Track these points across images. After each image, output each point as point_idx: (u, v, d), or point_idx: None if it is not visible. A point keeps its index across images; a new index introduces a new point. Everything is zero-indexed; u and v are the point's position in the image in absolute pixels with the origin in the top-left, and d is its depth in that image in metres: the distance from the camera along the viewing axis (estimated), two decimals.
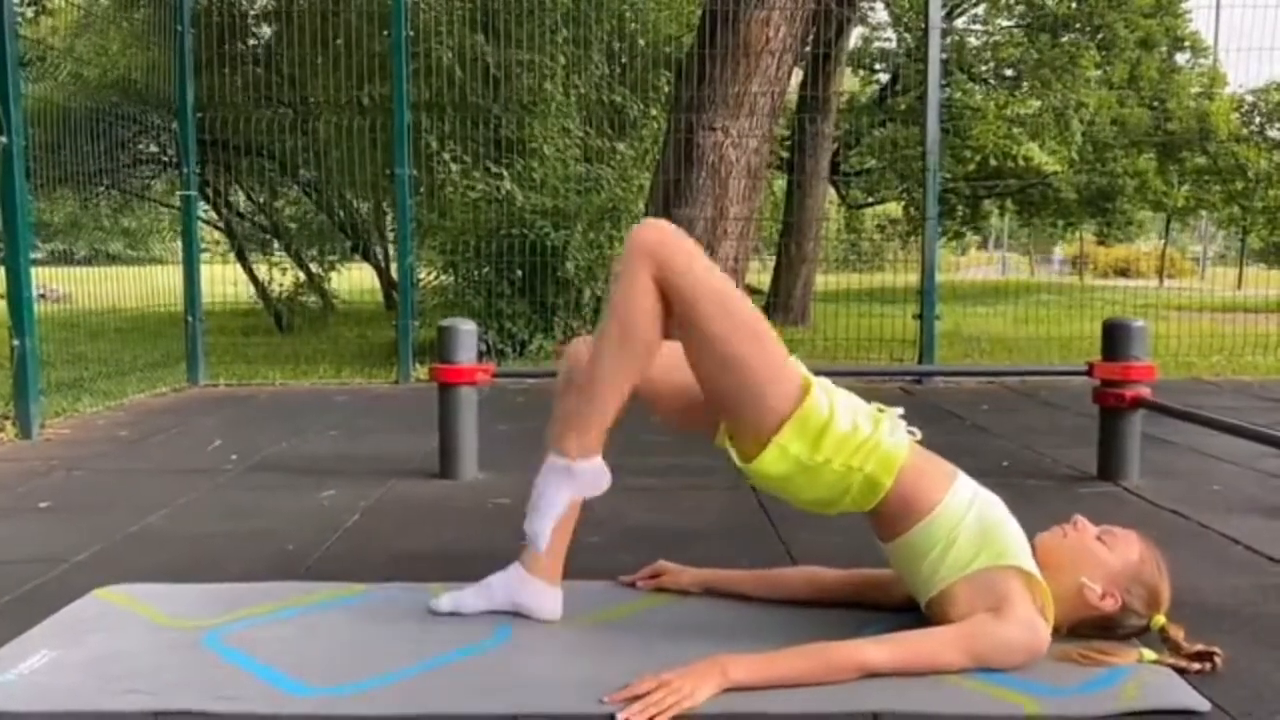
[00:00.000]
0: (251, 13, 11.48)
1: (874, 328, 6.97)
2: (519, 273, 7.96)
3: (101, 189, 10.85)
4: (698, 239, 6.58)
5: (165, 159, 12.83)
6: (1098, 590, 1.93)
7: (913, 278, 6.29)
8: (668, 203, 7.94)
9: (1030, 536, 1.97)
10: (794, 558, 2.55)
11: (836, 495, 1.95)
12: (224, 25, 8.66)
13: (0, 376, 4.87)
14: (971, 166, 18.05)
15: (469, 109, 8.74)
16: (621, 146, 9.72)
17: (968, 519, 1.92)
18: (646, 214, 8.32)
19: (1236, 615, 2.17)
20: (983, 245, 39.03)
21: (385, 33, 7.79)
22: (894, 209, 24.20)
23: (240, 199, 13.52)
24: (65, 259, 9.86)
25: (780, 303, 12.88)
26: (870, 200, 23.96)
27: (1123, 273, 30.29)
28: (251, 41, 11.34)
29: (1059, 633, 1.94)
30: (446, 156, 8.29)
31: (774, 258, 13.65)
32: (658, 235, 1.99)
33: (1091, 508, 3.05)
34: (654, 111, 9.38)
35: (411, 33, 6.42)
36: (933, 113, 6.04)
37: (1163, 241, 28.75)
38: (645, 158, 9.60)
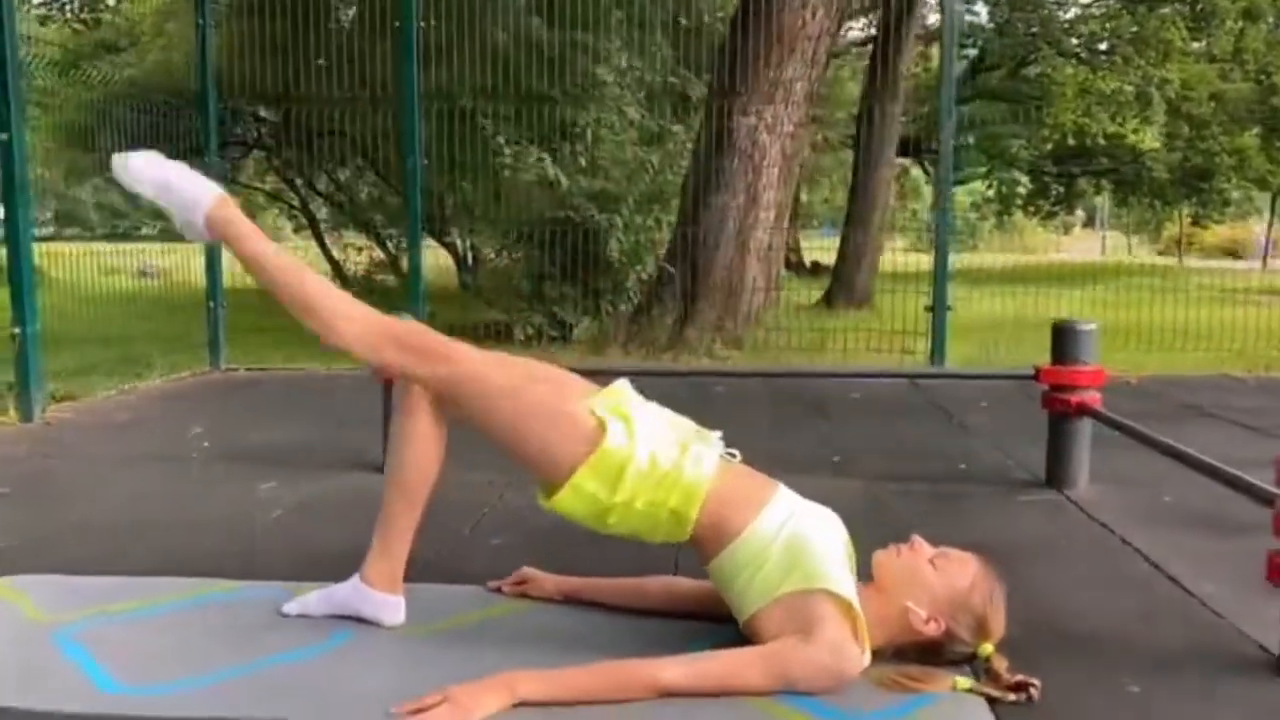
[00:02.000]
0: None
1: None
2: (557, 253, 8.03)
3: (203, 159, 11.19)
4: (730, 225, 6.61)
5: (249, 141, 13.26)
6: (922, 615, 1.89)
7: (1003, 258, 6.15)
8: (702, 189, 7.90)
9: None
10: (679, 567, 2.54)
11: (648, 529, 1.96)
12: (306, 10, 8.84)
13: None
14: (1049, 146, 17.49)
15: (525, 93, 8.78)
16: (677, 129, 9.69)
17: (777, 542, 1.89)
18: (683, 199, 8.29)
19: (1098, 641, 2.10)
20: (1088, 224, 37.83)
21: (433, 21, 7.93)
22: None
23: (322, 182, 13.84)
24: (168, 236, 10.20)
25: (843, 285, 12.73)
26: (954, 180, 23.38)
27: (1232, 254, 29.04)
28: (332, 25, 11.56)
29: (883, 654, 1.91)
30: (501, 140, 8.38)
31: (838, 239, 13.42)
32: (397, 359, 2.00)
33: (1020, 517, 3.01)
34: None
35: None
36: (948, 84, 5.84)
37: (1267, 222, 27.41)
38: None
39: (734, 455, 2.06)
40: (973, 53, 19.97)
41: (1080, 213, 33.12)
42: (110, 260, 7.98)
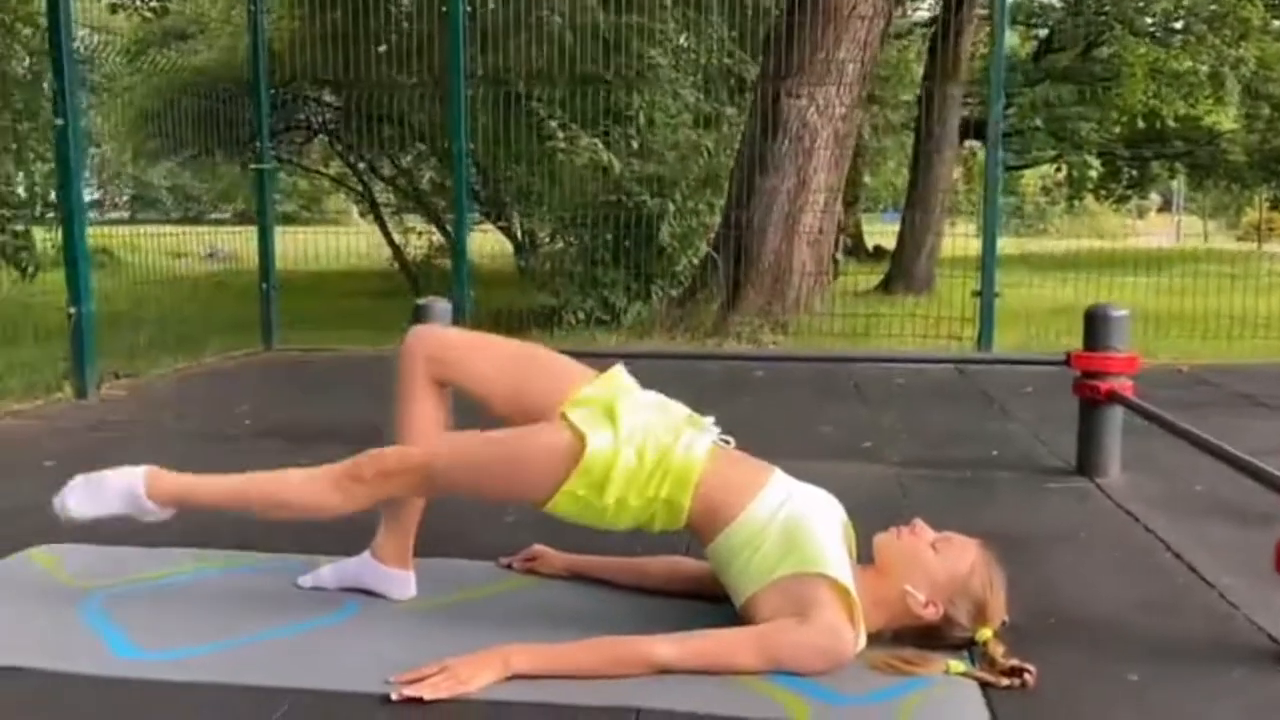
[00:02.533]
0: None
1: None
2: (609, 238, 8.05)
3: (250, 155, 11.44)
4: (779, 209, 6.55)
5: (314, 126, 13.47)
6: (920, 598, 1.89)
7: (1074, 243, 6.04)
8: (751, 172, 7.86)
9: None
10: (689, 549, 2.56)
11: (645, 522, 1.98)
12: None
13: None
14: (1120, 128, 17.08)
15: (579, 77, 8.79)
16: (731, 112, 9.65)
17: (772, 527, 1.90)
18: (731, 183, 8.27)
19: (1104, 628, 2.08)
20: (1164, 208, 36.91)
21: (490, 5, 7.99)
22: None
23: (385, 166, 14.03)
24: (241, 219, 10.45)
25: (902, 270, 12.59)
26: (1021, 164, 23.03)
27: None
28: (394, 10, 11.68)
29: (882, 637, 1.92)
30: (554, 124, 8.42)
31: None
32: (370, 491, 2.04)
33: (1045, 504, 2.97)
34: None
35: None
36: (999, 55, 5.71)
37: None
38: None
39: (728, 441, 2.07)
40: (1043, 33, 19.55)
41: (1156, 197, 32.30)
42: (179, 243, 8.24)
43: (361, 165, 13.90)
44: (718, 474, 1.95)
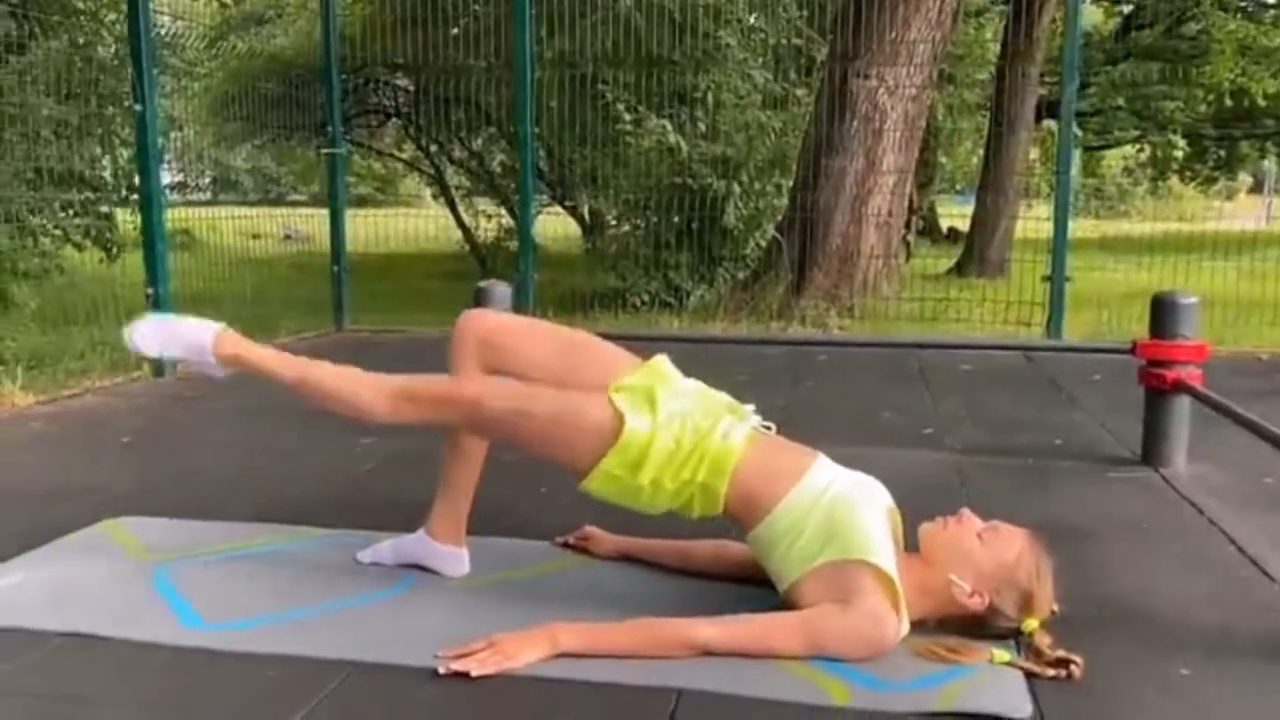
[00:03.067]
0: None
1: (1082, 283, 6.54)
2: (675, 220, 8.05)
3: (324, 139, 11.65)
4: (847, 191, 6.49)
5: (388, 109, 13.66)
6: (966, 588, 1.89)
7: (1155, 226, 5.89)
8: (819, 154, 7.80)
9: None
10: (735, 533, 2.57)
11: (683, 506, 1.99)
12: None
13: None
14: (1206, 107, 16.56)
15: (648, 58, 8.78)
16: (801, 92, 9.57)
17: (815, 513, 1.91)
18: (799, 165, 8.21)
19: (1158, 621, 2.05)
20: (1254, 190, 35.72)
21: None
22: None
23: (456, 149, 14.18)
24: (318, 202, 10.67)
25: (976, 255, 12.40)
26: (1101, 144, 22.49)
27: None
28: None
29: (926, 626, 1.92)
30: (620, 108, 8.43)
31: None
32: (415, 412, 2.09)
33: (1106, 494, 2.93)
34: None
35: None
36: (1073, 33, 5.57)
37: None
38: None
39: (769, 428, 2.07)
40: (1126, 9, 19.01)
41: (1246, 178, 31.25)
42: (258, 225, 8.44)
43: (433, 149, 14.08)
44: (756, 461, 1.96)
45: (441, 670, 1.77)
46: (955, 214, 20.05)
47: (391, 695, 1.72)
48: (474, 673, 1.76)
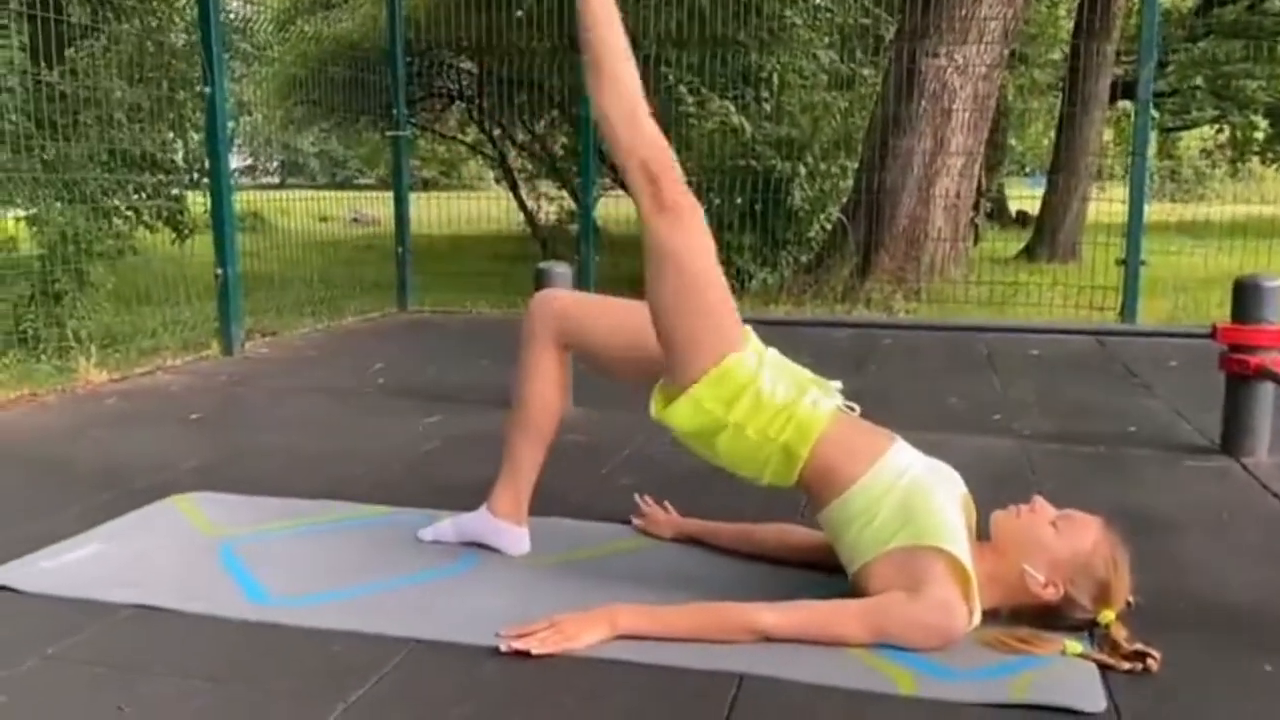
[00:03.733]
0: None
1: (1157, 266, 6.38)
2: (738, 201, 7.99)
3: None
4: (915, 172, 6.38)
5: (453, 92, 13.75)
6: (1040, 578, 1.84)
7: (1234, 209, 5.73)
8: (886, 134, 7.68)
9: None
10: (804, 515, 2.54)
11: (757, 463, 1.95)
12: None
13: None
14: None
15: (712, 39, 8.71)
16: (868, 72, 9.43)
17: (890, 496, 1.86)
18: (865, 145, 8.10)
19: (1240, 616, 1.98)
20: None
21: None
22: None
23: (519, 133, 14.24)
24: (385, 185, 10.79)
25: (1046, 238, 12.17)
26: (1179, 125, 21.91)
27: None
28: None
29: (999, 616, 1.87)
30: (684, 89, 8.38)
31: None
32: (636, 179, 1.96)
33: (1182, 483, 2.84)
34: None
35: None
36: (1152, 12, 5.39)
37: None
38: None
39: (853, 408, 2.03)
40: None
41: None
42: (325, 207, 8.54)
43: (496, 132, 14.14)
44: (839, 435, 1.92)
45: (502, 648, 1.77)
46: (1025, 197, 19.66)
47: (452, 673, 1.72)
48: (534, 651, 1.75)
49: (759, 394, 1.91)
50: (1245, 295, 2.98)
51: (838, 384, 2.05)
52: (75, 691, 1.67)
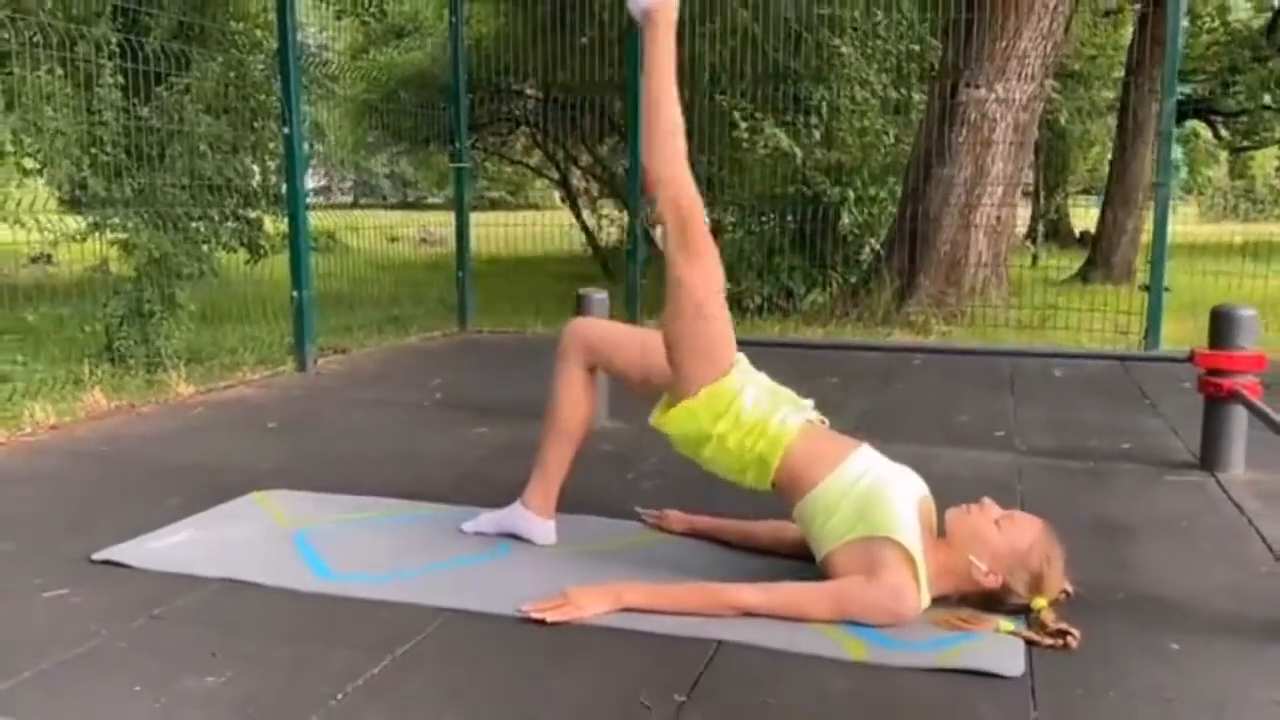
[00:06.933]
0: None
1: (1203, 289, 6.50)
2: (790, 225, 8.30)
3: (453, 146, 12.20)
4: (956, 199, 6.62)
5: (518, 118, 14.26)
6: (983, 568, 2.15)
7: None
8: (928, 161, 7.94)
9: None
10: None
11: (737, 469, 2.32)
12: None
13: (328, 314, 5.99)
14: None
15: (766, 70, 9.02)
16: (917, 98, 9.68)
17: (851, 494, 2.19)
18: (908, 175, 8.37)
19: (1167, 606, 2.26)
20: None
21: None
22: None
23: (583, 157, 14.71)
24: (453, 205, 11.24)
25: (1102, 259, 12.28)
26: (1248, 145, 21.71)
27: None
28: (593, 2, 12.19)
29: (949, 601, 2.18)
30: (737, 115, 8.72)
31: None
32: (673, 234, 2.33)
33: (1157, 495, 3.12)
34: None
35: None
36: (1173, 53, 5.59)
37: None
38: None
39: (823, 422, 2.37)
40: (1278, 3, 18.32)
41: None
42: (396, 228, 9.02)
43: (560, 155, 14.62)
44: (805, 445, 2.27)
45: (520, 611, 2.13)
46: (1091, 218, 19.58)
47: (480, 635, 2.09)
48: (548, 619, 2.11)
49: (740, 412, 2.27)
50: (1220, 323, 3.24)
51: (810, 402, 2.38)
52: (178, 642, 2.06)
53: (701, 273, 2.32)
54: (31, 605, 2.25)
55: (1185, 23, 11.95)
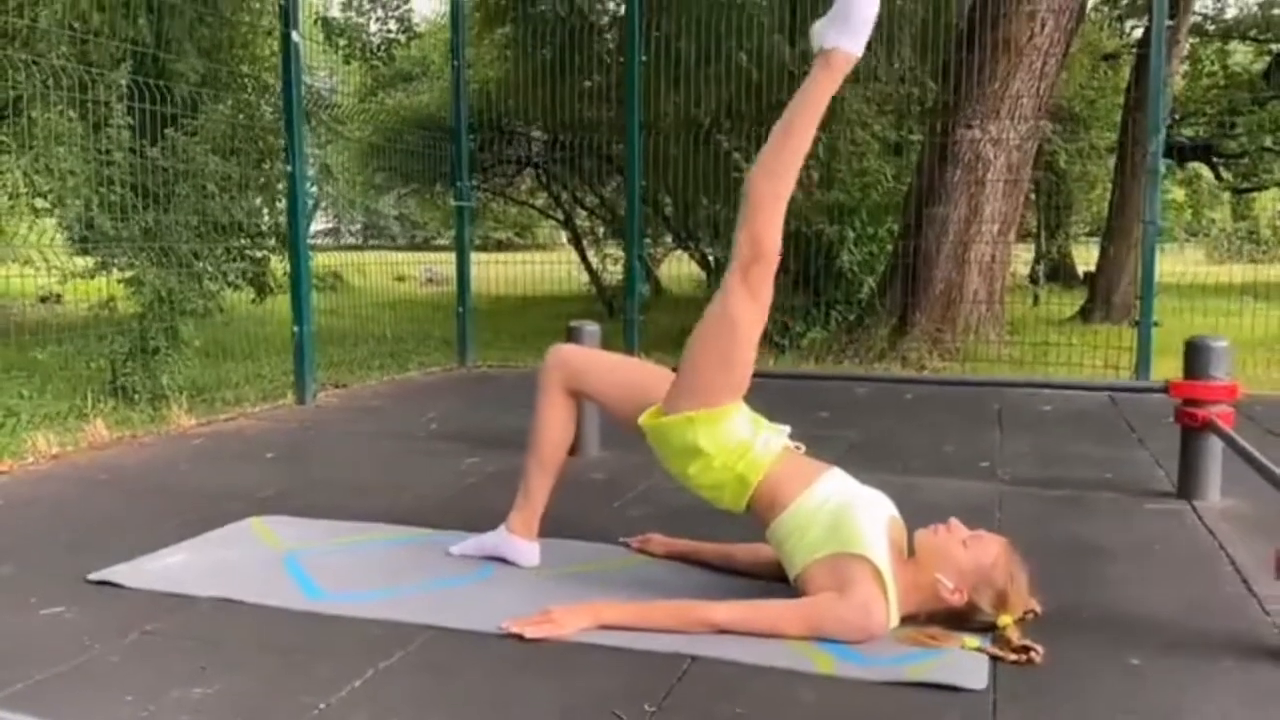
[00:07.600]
0: (599, 23, 12.51)
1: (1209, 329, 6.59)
2: (790, 265, 8.40)
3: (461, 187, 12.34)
4: (950, 237, 6.73)
5: (522, 160, 14.47)
6: (949, 585, 2.21)
7: None
8: (923, 201, 8.07)
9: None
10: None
11: (716, 488, 2.39)
12: (572, 41, 9.74)
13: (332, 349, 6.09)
14: None
15: (765, 110, 9.17)
16: (915, 138, 9.83)
17: (821, 514, 2.27)
18: (904, 213, 8.49)
19: (1133, 624, 2.32)
20: None
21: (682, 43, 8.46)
22: None
23: (588, 198, 14.90)
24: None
25: (1102, 299, 12.37)
26: (1249, 187, 21.89)
27: None
28: (596, 47, 12.43)
29: (917, 618, 2.25)
30: (738, 156, 8.86)
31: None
32: (745, 266, 2.37)
33: (1132, 522, 3.18)
34: None
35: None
36: (1156, 95, 5.72)
37: None
38: None
39: (800, 447, 2.45)
40: (1276, 48, 18.55)
41: None
42: (401, 268, 9.14)
43: (564, 196, 14.82)
44: (782, 469, 2.36)
45: (500, 627, 2.20)
46: (1095, 259, 19.68)
47: (461, 649, 2.16)
48: (527, 635, 2.18)
49: (730, 435, 2.35)
50: (1195, 354, 3.31)
51: (787, 429, 2.46)
52: (168, 656, 2.13)
53: (754, 312, 2.38)
54: (28, 622, 2.32)
55: (1173, 65, 12.20)
